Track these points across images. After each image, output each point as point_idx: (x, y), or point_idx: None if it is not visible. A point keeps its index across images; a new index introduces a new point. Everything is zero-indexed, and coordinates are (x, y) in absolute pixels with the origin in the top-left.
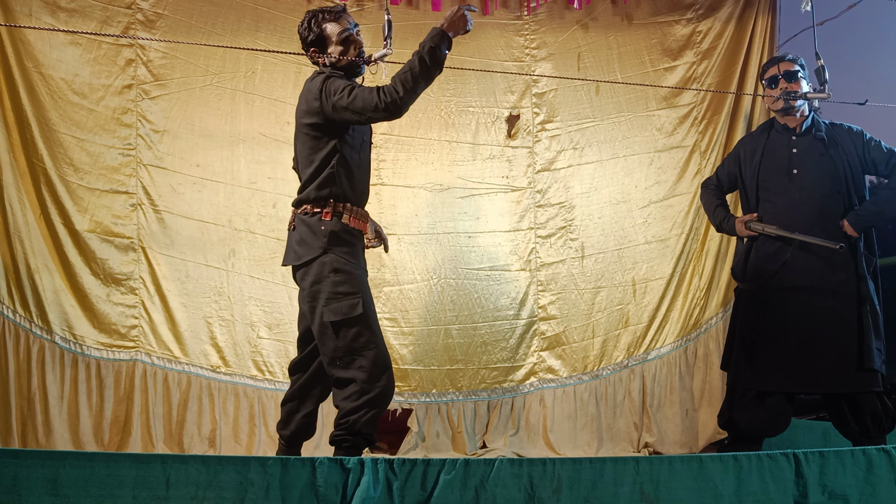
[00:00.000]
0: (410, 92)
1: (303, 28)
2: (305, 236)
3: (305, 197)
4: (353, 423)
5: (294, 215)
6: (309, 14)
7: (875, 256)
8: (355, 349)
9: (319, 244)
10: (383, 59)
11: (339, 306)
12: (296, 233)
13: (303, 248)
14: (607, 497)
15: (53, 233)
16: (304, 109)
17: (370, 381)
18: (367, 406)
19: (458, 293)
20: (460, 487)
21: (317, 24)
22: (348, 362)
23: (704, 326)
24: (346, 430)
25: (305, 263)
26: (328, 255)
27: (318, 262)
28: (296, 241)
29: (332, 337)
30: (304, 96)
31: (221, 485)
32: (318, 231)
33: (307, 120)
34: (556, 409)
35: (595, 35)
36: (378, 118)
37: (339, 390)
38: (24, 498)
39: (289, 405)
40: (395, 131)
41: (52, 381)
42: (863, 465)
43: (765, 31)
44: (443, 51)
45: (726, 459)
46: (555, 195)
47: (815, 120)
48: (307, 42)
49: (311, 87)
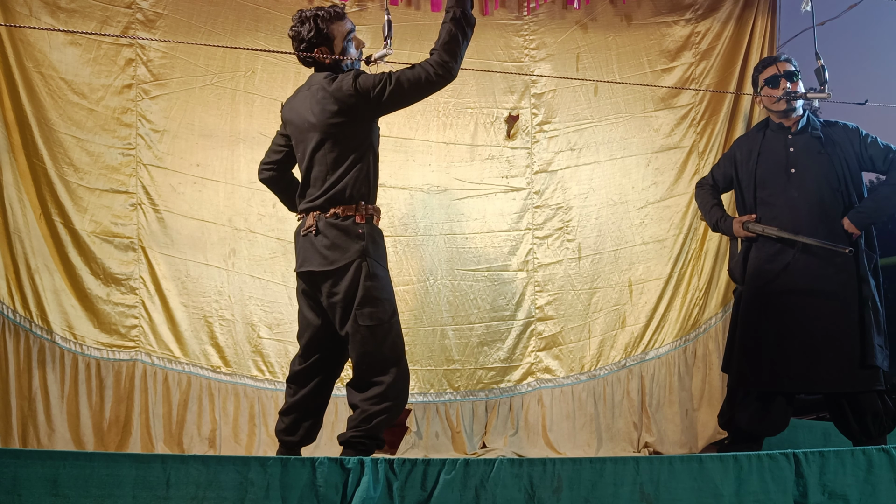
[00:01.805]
0: (456, 54)
1: (305, 28)
2: (338, 241)
3: (335, 199)
4: (373, 428)
5: (317, 218)
6: (309, 13)
7: (875, 253)
8: (388, 356)
9: (356, 248)
10: (383, 59)
11: (375, 311)
12: (322, 237)
13: (335, 252)
14: (607, 497)
15: (53, 233)
16: (332, 110)
17: (395, 389)
18: (387, 412)
19: (454, 294)
20: (460, 487)
21: (324, 22)
22: (379, 368)
23: (704, 327)
24: (364, 433)
25: (339, 269)
26: (365, 259)
27: (353, 266)
28: (324, 246)
29: (369, 341)
30: (330, 97)
31: (221, 485)
32: (354, 235)
33: (336, 120)
34: (555, 409)
35: (594, 36)
36: (436, 88)
37: (358, 392)
38: (24, 498)
39: (294, 415)
40: (394, 132)
41: (52, 381)
42: (863, 465)
43: (764, 31)
44: (470, 7)
45: (726, 459)
46: (552, 196)
47: (811, 118)
48: (311, 41)
49: (342, 87)
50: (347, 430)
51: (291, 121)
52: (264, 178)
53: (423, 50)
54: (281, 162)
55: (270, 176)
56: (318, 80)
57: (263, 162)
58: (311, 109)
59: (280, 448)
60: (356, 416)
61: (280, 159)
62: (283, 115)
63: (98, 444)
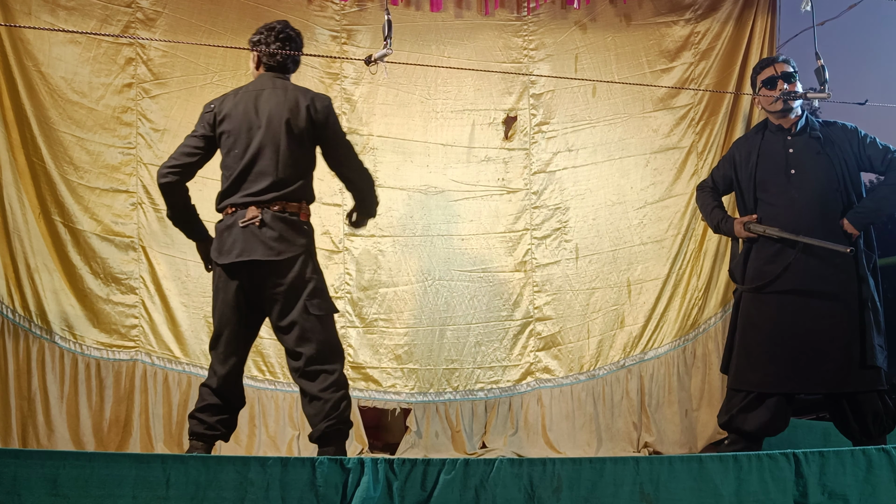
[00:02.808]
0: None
1: (299, 40)
2: (285, 233)
3: (283, 196)
4: (342, 412)
5: (261, 211)
6: (291, 28)
7: (874, 253)
8: (335, 345)
9: (302, 242)
10: (383, 59)
11: (323, 302)
12: (268, 229)
13: (282, 244)
14: (607, 497)
15: (53, 232)
16: (305, 117)
17: (343, 377)
18: (347, 398)
19: (452, 294)
20: (460, 487)
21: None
22: (329, 357)
23: (703, 327)
24: (338, 419)
25: (286, 260)
26: (311, 254)
27: (300, 259)
28: (271, 238)
29: (319, 330)
30: (312, 105)
31: (221, 485)
32: (300, 230)
33: (304, 125)
34: (554, 409)
35: (593, 36)
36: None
37: (312, 382)
38: (24, 498)
39: (225, 415)
40: (392, 133)
41: (51, 381)
42: (863, 465)
43: (764, 31)
44: None
45: (726, 459)
46: (550, 197)
47: (809, 119)
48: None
49: (323, 102)
50: (319, 424)
51: (236, 116)
52: (168, 182)
53: (422, 50)
54: (191, 166)
55: (176, 181)
56: (284, 84)
57: (171, 165)
58: (287, 108)
59: (203, 446)
60: (320, 407)
61: (193, 162)
62: (223, 111)
63: (98, 444)
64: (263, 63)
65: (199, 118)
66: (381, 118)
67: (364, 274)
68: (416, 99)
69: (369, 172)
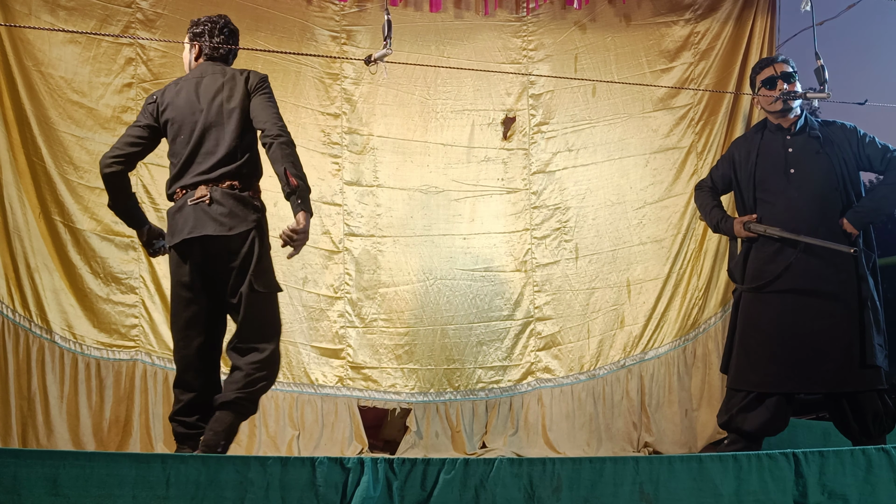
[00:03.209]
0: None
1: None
2: (236, 209)
3: (231, 173)
4: (256, 392)
5: (210, 189)
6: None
7: (874, 252)
8: (272, 324)
9: (253, 218)
10: (383, 59)
11: (268, 280)
12: (218, 206)
13: (233, 220)
14: (607, 497)
15: (53, 232)
16: (242, 88)
17: (273, 359)
18: (267, 380)
19: (453, 293)
20: (460, 487)
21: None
22: (263, 335)
23: (703, 326)
24: (247, 395)
25: (237, 235)
26: (259, 230)
27: (251, 235)
28: (221, 214)
29: (258, 306)
30: (248, 77)
31: (221, 485)
32: (250, 206)
33: (242, 95)
34: (554, 409)
35: (593, 36)
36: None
37: (241, 356)
38: (24, 498)
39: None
40: (392, 133)
41: (51, 380)
42: (862, 465)
43: (764, 30)
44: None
45: (726, 459)
46: (550, 197)
47: (808, 119)
48: (228, 39)
49: (259, 76)
50: (229, 391)
51: (179, 104)
52: (111, 172)
53: (422, 50)
54: (135, 155)
55: (119, 171)
56: (223, 69)
57: (114, 155)
58: (228, 87)
59: (191, 447)
60: (239, 377)
61: (137, 152)
62: (165, 101)
63: (98, 444)
64: (205, 54)
65: (142, 109)
66: (381, 118)
67: (364, 274)
68: (415, 99)
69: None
